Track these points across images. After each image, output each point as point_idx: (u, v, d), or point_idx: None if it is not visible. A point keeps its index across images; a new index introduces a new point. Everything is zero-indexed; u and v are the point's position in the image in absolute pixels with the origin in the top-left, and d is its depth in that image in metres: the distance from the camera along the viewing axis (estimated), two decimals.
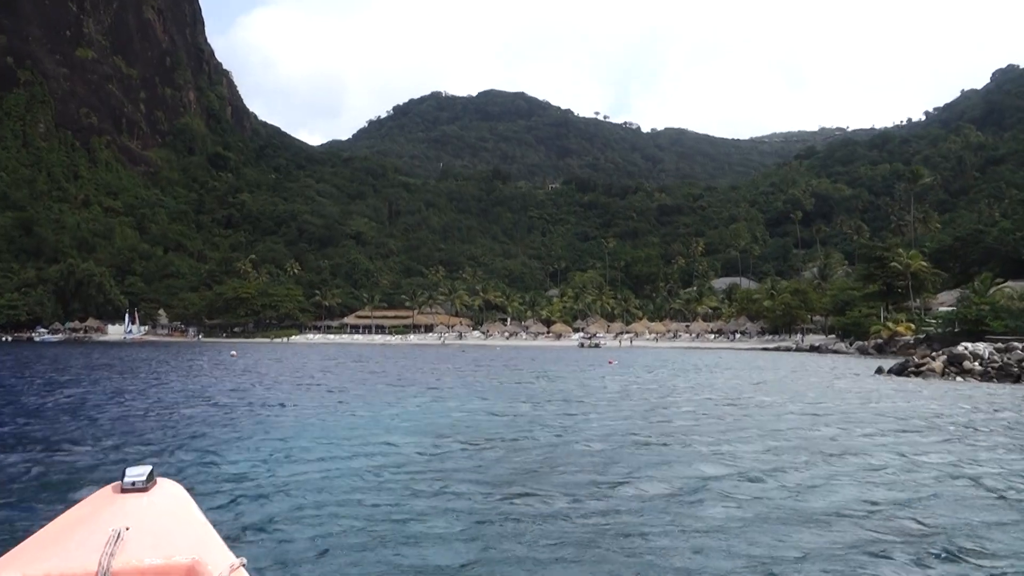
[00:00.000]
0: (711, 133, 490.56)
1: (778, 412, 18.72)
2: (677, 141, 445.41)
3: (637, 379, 32.94)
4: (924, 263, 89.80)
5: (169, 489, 2.96)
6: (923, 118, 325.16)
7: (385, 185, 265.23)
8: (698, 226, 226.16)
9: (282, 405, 19.99)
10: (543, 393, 24.19)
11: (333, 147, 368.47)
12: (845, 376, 35.09)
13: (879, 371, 36.80)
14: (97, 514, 2.72)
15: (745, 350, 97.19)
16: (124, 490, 2.86)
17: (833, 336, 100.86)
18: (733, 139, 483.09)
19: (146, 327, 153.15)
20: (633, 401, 21.46)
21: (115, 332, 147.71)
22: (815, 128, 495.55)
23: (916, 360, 35.05)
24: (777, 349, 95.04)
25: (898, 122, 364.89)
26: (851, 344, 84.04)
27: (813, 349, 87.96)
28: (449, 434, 14.28)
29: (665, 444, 13.27)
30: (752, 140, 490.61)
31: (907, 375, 33.77)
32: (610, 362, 53.89)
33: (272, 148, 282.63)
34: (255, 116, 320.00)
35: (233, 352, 69.00)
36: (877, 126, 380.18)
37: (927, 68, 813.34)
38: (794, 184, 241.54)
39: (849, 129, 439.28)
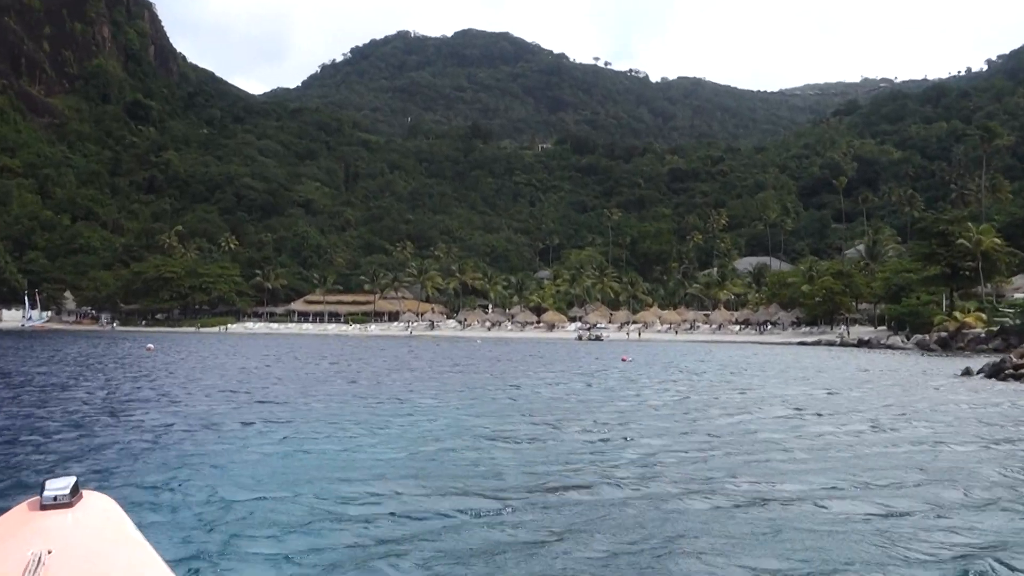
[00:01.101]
0: (732, 84, 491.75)
1: (934, 447, 16.05)
2: (692, 93, 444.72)
3: (675, 384, 30.92)
4: (997, 240, 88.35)
5: (98, 504, 2.86)
6: (985, 68, 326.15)
7: (341, 143, 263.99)
8: (718, 195, 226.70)
9: (206, 428, 17.50)
10: (562, 410, 21.47)
11: (278, 96, 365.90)
12: (931, 380, 33.08)
13: (966, 373, 34.96)
14: (12, 536, 2.64)
15: (779, 344, 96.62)
16: (44, 507, 2.75)
17: (884, 328, 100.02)
18: (759, 91, 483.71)
19: (49, 312, 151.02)
20: (720, 441, 16.27)
21: (11, 319, 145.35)
22: (856, 79, 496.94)
23: (1015, 360, 33.10)
24: (818, 343, 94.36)
25: (955, 72, 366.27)
26: (908, 338, 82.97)
27: (862, 344, 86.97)
28: (456, 486, 11.62)
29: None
30: (782, 92, 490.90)
31: (1005, 378, 31.81)
32: (624, 359, 53.37)
33: (204, 97, 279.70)
34: (183, 58, 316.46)
35: (150, 345, 66.63)
36: (930, 77, 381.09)
37: (989, 7, 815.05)
38: (832, 145, 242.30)
39: (897, 80, 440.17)
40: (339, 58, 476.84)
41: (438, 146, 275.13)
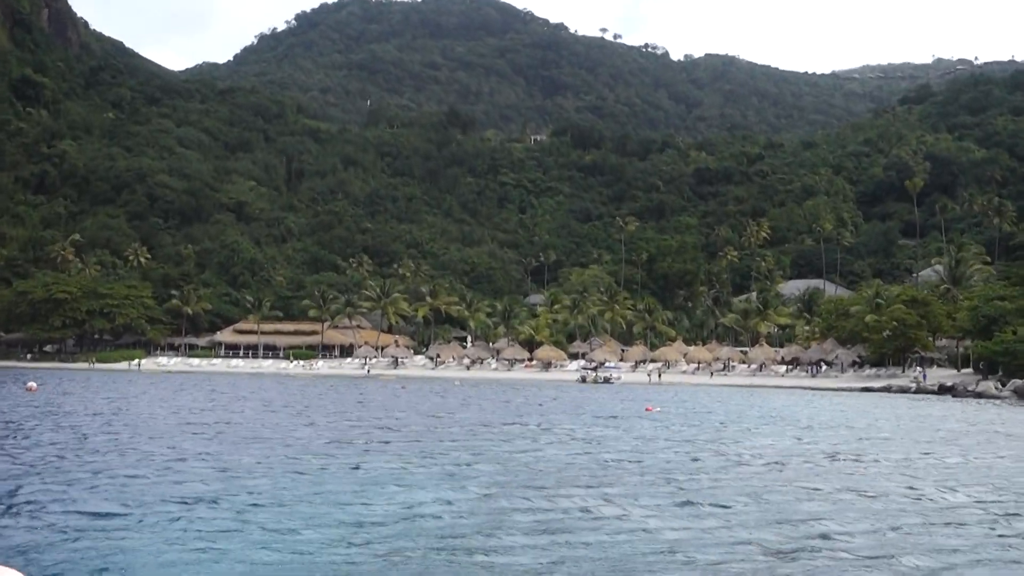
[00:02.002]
0: (773, 64, 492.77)
1: None
2: (722, 74, 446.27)
3: (739, 456, 29.93)
4: None
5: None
6: None
7: (282, 132, 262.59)
8: (756, 202, 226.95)
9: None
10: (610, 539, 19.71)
11: (203, 73, 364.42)
12: None
13: None
14: None
15: (837, 391, 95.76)
16: None
17: (969, 371, 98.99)
18: (806, 73, 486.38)
19: None
20: None
21: None
22: (928, 59, 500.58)
23: None
24: (887, 390, 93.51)
25: None
26: (1002, 383, 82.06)
27: (943, 391, 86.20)
28: None
29: None
30: (835, 75, 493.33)
31: None
32: (648, 408, 53.72)
33: (110, 72, 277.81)
34: (85, 24, 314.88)
35: (31, 384, 65.10)
36: (1018, 58, 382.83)
37: None
38: (899, 141, 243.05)
39: (978, 62, 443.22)
40: (280, 26, 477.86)
41: (405, 137, 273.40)
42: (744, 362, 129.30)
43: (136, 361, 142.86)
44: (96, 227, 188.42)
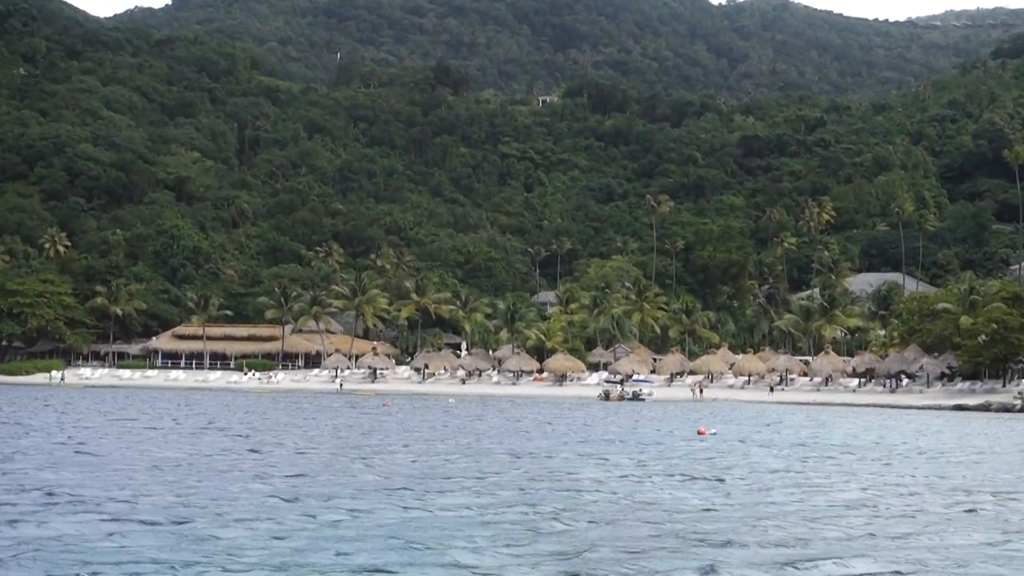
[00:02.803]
0: (835, 9, 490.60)
1: None
2: (773, 22, 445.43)
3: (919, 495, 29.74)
4: None
5: None
6: None
7: (233, 92, 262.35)
8: (817, 177, 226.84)
9: None
10: None
11: (136, 21, 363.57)
12: None
13: None
14: None
15: (925, 408, 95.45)
16: None
17: None
18: (876, 20, 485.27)
19: None
20: None
21: None
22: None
23: None
24: (986, 408, 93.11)
25: None
26: None
27: None
28: None
29: None
30: (911, 23, 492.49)
31: None
32: (701, 431, 54.06)
33: (21, 19, 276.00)
34: None
35: None
36: None
37: None
38: (992, 103, 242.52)
39: None
40: None
41: (384, 98, 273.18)
42: (805, 374, 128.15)
43: (58, 373, 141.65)
44: (4, 208, 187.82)
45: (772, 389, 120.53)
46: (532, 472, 32.21)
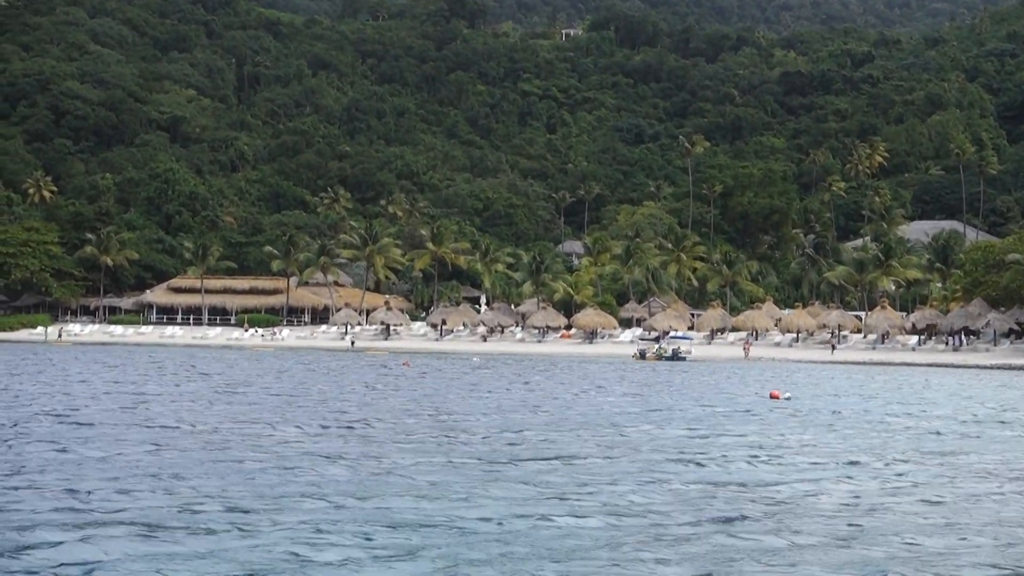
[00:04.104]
0: None
1: None
2: None
3: None
4: None
5: None
6: None
7: (231, 25, 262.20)
8: (864, 117, 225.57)
9: None
10: None
11: None
12: None
13: None
14: None
15: (995, 368, 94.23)
16: None
17: None
18: None
19: None
20: None
21: None
22: None
23: None
24: None
25: None
26: None
27: None
28: None
29: None
30: None
31: None
32: (774, 395, 53.72)
33: None
34: None
35: None
36: None
37: None
38: None
39: None
40: None
41: (393, 31, 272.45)
42: (858, 331, 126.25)
43: (55, 329, 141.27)
44: None
45: (834, 348, 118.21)
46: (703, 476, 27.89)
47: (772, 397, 53.11)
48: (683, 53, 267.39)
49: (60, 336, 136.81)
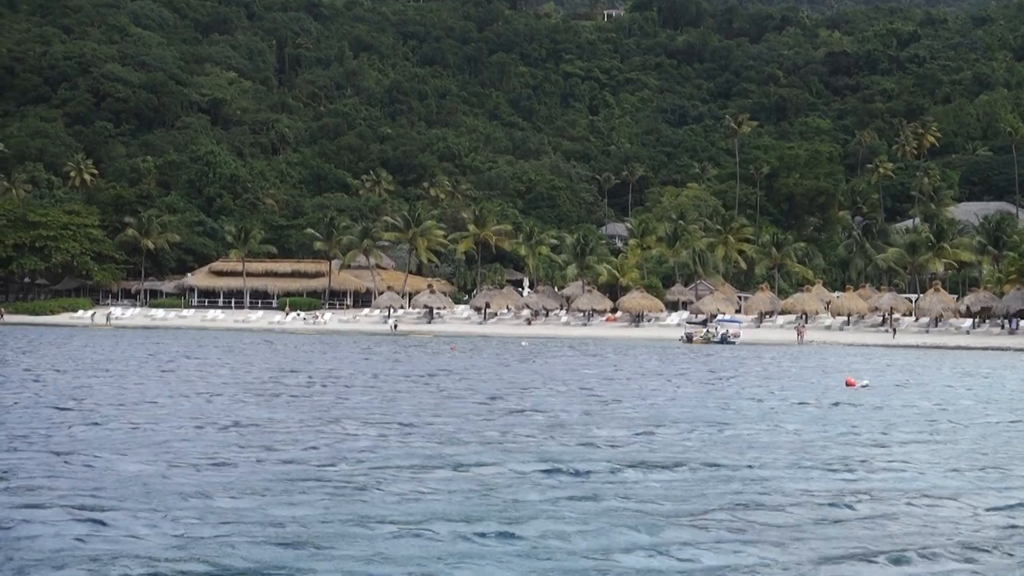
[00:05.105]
0: None
1: None
2: None
3: None
4: None
5: None
6: None
7: (272, 6, 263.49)
8: (911, 97, 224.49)
9: None
10: None
11: None
12: None
13: None
14: None
15: None
16: None
17: None
18: None
19: None
20: None
21: None
22: None
23: None
24: None
25: None
26: None
27: None
28: None
29: None
30: None
31: None
32: (850, 383, 52.39)
33: None
34: None
35: None
36: None
37: None
38: None
39: None
40: None
41: (435, 12, 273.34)
42: (909, 313, 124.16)
43: (101, 313, 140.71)
44: (25, 133, 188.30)
45: (895, 332, 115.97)
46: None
47: (848, 385, 51.64)
48: (726, 33, 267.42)
49: (108, 320, 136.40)
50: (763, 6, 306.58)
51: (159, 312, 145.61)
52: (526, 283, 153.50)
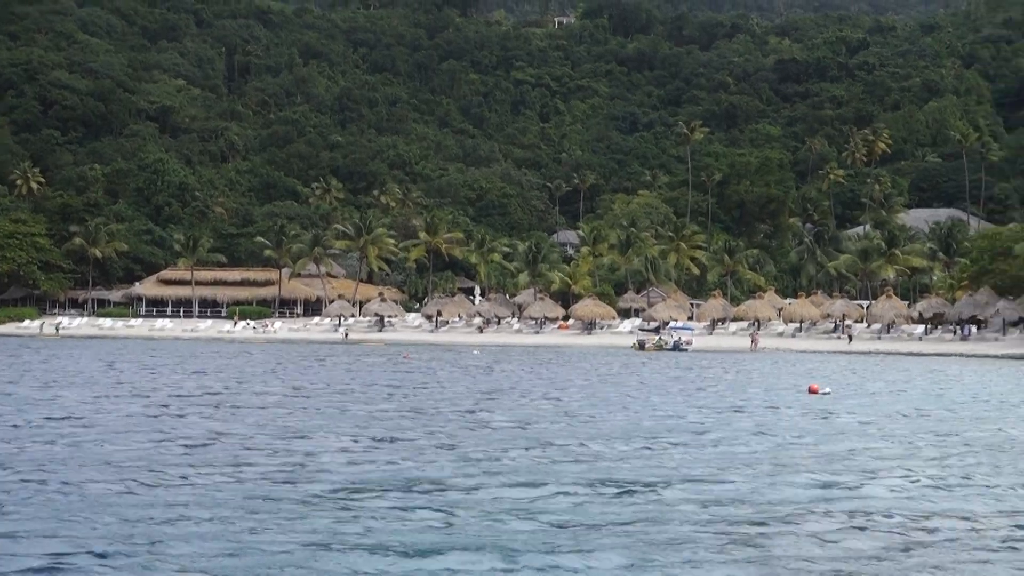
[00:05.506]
0: None
1: None
2: None
3: None
4: None
5: None
6: None
7: (221, 13, 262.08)
8: (861, 105, 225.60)
9: None
10: None
11: None
12: None
13: None
14: None
15: (1008, 358, 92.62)
16: None
17: None
18: None
19: None
20: None
21: None
22: None
23: None
24: None
25: None
26: None
27: None
28: None
29: None
30: None
31: None
32: (813, 389, 52.01)
33: None
34: None
35: None
36: None
37: None
38: None
39: None
40: None
41: (385, 20, 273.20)
42: (861, 319, 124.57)
43: (54, 323, 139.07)
44: None
45: (851, 338, 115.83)
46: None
47: (811, 392, 51.17)
48: (677, 41, 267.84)
49: (57, 330, 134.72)
50: (713, 14, 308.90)
51: (107, 322, 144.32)
52: (477, 291, 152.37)
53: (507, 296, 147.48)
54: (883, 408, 45.06)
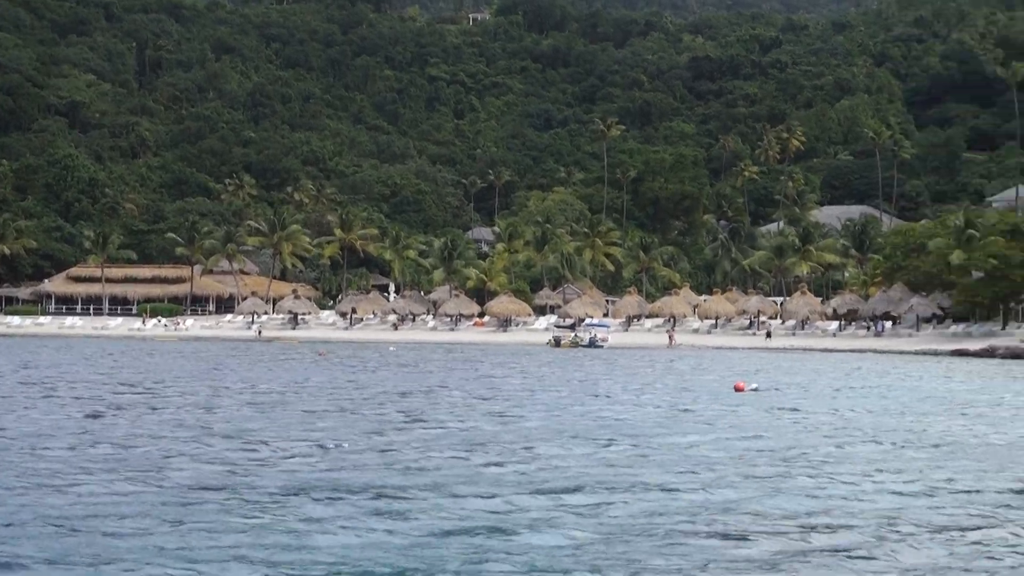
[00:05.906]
0: None
1: None
2: None
3: None
4: None
5: None
6: None
7: (131, 8, 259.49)
8: (774, 102, 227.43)
9: None
10: None
11: None
12: None
13: None
14: None
15: (920, 354, 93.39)
16: None
17: None
18: None
19: None
20: None
21: None
22: None
23: None
24: (991, 353, 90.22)
25: None
26: None
27: None
28: None
29: None
30: None
31: None
32: (739, 387, 51.22)
33: None
34: None
35: None
36: None
37: None
38: (962, 21, 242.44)
39: None
40: None
41: (298, 15, 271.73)
42: (776, 316, 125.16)
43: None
44: None
45: (769, 335, 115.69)
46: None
47: (737, 389, 50.01)
48: (591, 38, 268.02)
49: None
50: (627, 11, 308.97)
51: (15, 320, 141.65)
52: (392, 288, 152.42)
53: (422, 293, 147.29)
54: (818, 404, 44.73)
